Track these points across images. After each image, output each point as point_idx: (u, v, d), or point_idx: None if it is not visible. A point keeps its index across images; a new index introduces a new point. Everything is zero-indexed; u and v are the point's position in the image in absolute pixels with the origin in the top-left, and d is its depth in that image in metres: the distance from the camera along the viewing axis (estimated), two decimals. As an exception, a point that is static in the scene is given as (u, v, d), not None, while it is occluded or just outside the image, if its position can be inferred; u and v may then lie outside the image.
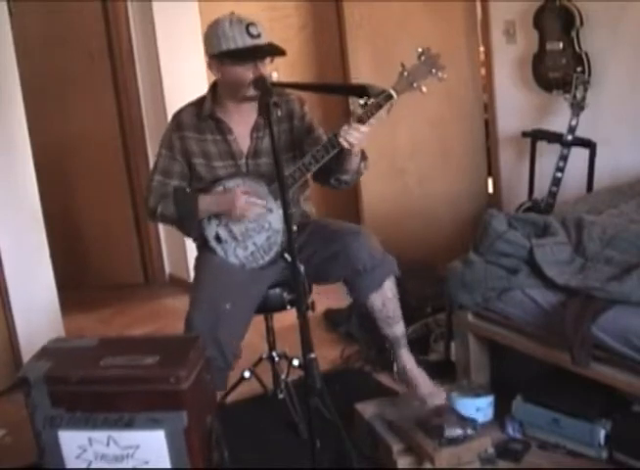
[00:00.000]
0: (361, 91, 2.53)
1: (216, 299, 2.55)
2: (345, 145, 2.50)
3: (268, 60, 2.58)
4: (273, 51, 2.56)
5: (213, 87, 2.71)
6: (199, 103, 2.73)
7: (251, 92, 2.54)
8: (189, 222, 2.71)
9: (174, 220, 2.74)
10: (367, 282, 2.64)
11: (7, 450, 2.95)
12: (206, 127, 2.69)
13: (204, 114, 2.68)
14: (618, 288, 2.48)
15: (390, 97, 2.48)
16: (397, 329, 2.73)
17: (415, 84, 2.49)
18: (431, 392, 2.68)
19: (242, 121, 2.69)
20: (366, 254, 2.60)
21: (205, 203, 2.67)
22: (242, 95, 2.58)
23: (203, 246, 2.79)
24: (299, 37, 4.66)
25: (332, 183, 2.74)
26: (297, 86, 2.94)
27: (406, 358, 2.75)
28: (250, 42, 2.51)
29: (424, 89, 2.51)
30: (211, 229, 2.72)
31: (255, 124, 2.69)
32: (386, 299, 2.68)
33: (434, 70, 2.50)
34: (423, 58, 2.51)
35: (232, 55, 2.52)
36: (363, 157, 2.67)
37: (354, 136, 2.49)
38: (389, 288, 2.68)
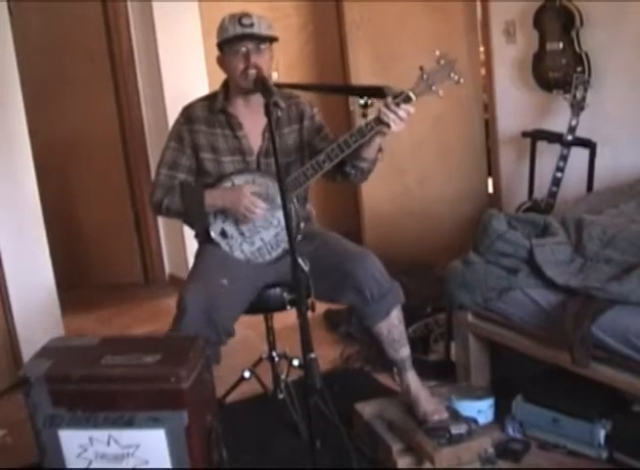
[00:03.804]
0: (378, 93, 2.51)
1: (212, 276, 2.56)
2: (389, 122, 2.46)
3: (265, 50, 2.58)
4: (257, 36, 2.56)
5: (225, 84, 2.72)
6: (210, 98, 2.74)
7: (244, 83, 2.56)
8: (196, 216, 2.70)
9: (180, 214, 2.74)
10: (375, 311, 2.62)
11: (7, 450, 2.95)
12: (217, 122, 2.70)
13: (216, 108, 2.69)
14: (618, 288, 2.48)
15: (409, 99, 2.47)
16: (403, 352, 2.70)
17: (434, 87, 2.47)
18: (433, 409, 2.62)
19: (253, 120, 2.68)
20: (373, 283, 2.58)
21: (212, 197, 2.66)
22: (243, 86, 2.59)
23: (204, 241, 2.77)
24: (299, 37, 4.67)
25: (347, 171, 2.68)
26: (311, 88, 2.95)
27: (411, 380, 2.71)
28: (239, 31, 2.54)
29: (441, 93, 2.48)
30: (217, 225, 2.72)
31: (267, 125, 2.68)
32: (392, 326, 2.66)
33: (452, 74, 2.48)
34: (442, 62, 2.48)
35: (223, 44, 2.58)
36: (379, 147, 2.63)
37: (402, 115, 2.45)
38: (396, 315, 2.67)
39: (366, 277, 2.58)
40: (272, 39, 2.60)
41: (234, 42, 2.56)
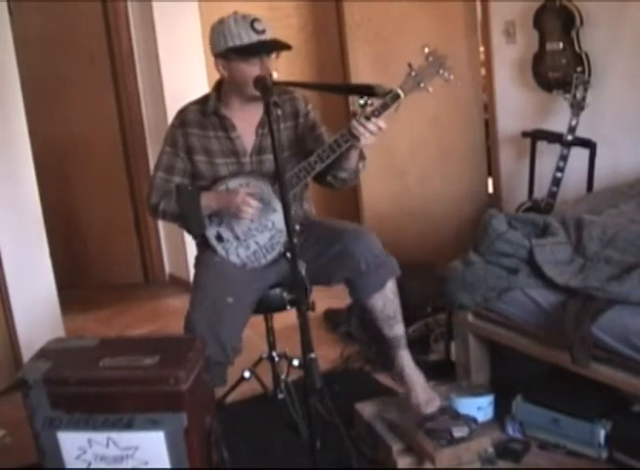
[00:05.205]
0: (368, 91, 2.51)
1: (217, 296, 2.55)
2: (359, 136, 2.48)
3: (274, 56, 2.57)
4: (278, 46, 2.56)
5: (218, 85, 2.71)
6: (203, 100, 2.74)
7: (253, 91, 2.52)
8: (191, 219, 2.70)
9: (176, 217, 2.73)
10: (369, 283, 2.63)
11: (7, 450, 2.95)
12: (210, 124, 2.69)
13: (208, 110, 2.68)
14: (618, 288, 2.48)
15: (398, 97, 2.46)
16: (398, 329, 2.71)
17: (422, 84, 2.48)
18: (426, 399, 2.63)
19: (247, 119, 2.68)
20: (368, 254, 2.59)
21: (207, 199, 2.67)
22: (248, 93, 2.57)
23: (203, 244, 2.78)
24: (299, 37, 4.66)
25: (328, 180, 2.71)
26: (304, 85, 2.93)
27: (405, 360, 2.71)
28: (255, 38, 2.51)
29: (430, 89, 2.49)
30: (212, 229, 2.72)
31: (261, 121, 2.68)
32: (387, 300, 2.66)
33: (441, 71, 2.49)
34: (430, 58, 2.49)
35: (238, 51, 2.52)
36: (362, 156, 2.66)
37: (372, 129, 2.47)
38: (391, 289, 2.67)
39: (362, 251, 2.59)
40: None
41: (250, 50, 2.52)
